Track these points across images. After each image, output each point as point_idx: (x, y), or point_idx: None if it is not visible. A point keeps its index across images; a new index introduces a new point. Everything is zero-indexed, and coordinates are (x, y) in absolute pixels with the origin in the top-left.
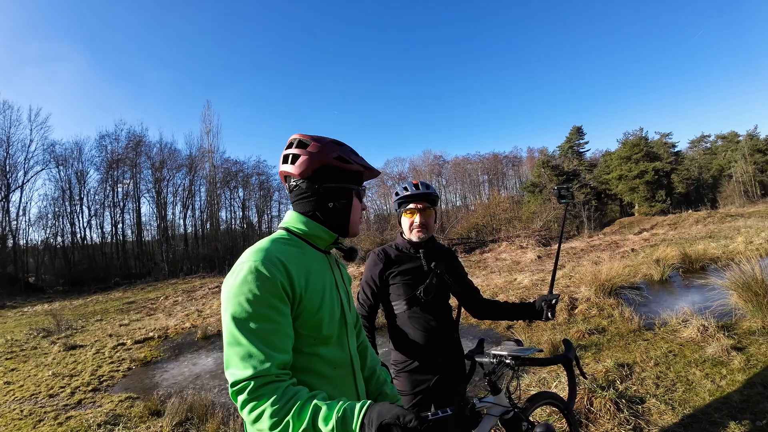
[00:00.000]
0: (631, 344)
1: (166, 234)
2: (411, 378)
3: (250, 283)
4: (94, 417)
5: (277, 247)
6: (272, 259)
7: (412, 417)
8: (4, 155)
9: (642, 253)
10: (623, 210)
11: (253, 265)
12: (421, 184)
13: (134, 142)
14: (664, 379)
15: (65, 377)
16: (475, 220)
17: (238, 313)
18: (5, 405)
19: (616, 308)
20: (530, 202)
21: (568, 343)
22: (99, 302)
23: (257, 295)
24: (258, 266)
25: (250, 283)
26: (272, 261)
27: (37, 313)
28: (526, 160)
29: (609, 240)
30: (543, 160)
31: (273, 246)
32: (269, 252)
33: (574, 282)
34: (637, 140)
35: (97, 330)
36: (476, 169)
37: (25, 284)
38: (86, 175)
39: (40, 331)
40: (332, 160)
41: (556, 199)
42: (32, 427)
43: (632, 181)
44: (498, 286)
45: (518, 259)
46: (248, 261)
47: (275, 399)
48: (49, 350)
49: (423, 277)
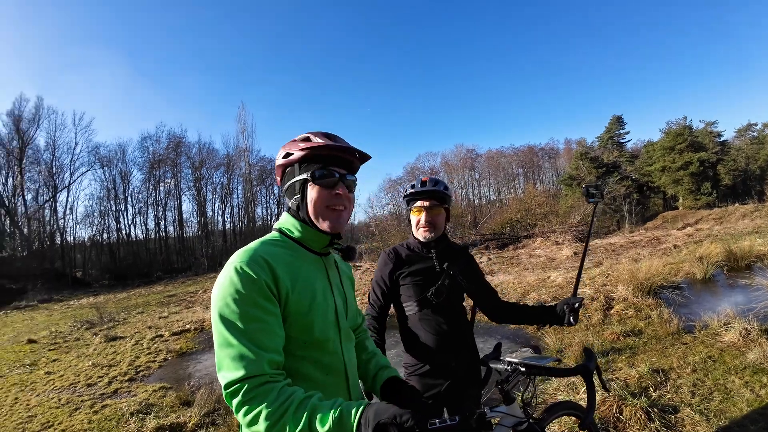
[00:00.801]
0: (669, 348)
1: (206, 230)
2: (422, 382)
3: (236, 283)
4: (128, 406)
5: (264, 248)
6: (257, 259)
7: (409, 416)
8: (50, 158)
9: (685, 250)
10: (666, 203)
11: (238, 266)
12: (430, 181)
13: (174, 143)
14: (701, 387)
15: (104, 367)
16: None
17: (226, 314)
18: (45, 394)
19: (655, 309)
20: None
21: (589, 353)
22: (141, 295)
23: (243, 295)
24: (242, 266)
25: (236, 283)
26: (257, 261)
27: (83, 306)
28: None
29: (650, 236)
30: (581, 151)
31: (260, 247)
32: (255, 252)
33: (611, 281)
34: (681, 129)
35: (137, 322)
36: (511, 162)
37: (72, 279)
38: (130, 175)
39: (84, 323)
40: (282, 161)
41: (585, 198)
42: (68, 415)
43: (676, 173)
44: (530, 284)
45: (553, 255)
46: (233, 262)
47: (270, 400)
48: (91, 341)
49: (435, 278)
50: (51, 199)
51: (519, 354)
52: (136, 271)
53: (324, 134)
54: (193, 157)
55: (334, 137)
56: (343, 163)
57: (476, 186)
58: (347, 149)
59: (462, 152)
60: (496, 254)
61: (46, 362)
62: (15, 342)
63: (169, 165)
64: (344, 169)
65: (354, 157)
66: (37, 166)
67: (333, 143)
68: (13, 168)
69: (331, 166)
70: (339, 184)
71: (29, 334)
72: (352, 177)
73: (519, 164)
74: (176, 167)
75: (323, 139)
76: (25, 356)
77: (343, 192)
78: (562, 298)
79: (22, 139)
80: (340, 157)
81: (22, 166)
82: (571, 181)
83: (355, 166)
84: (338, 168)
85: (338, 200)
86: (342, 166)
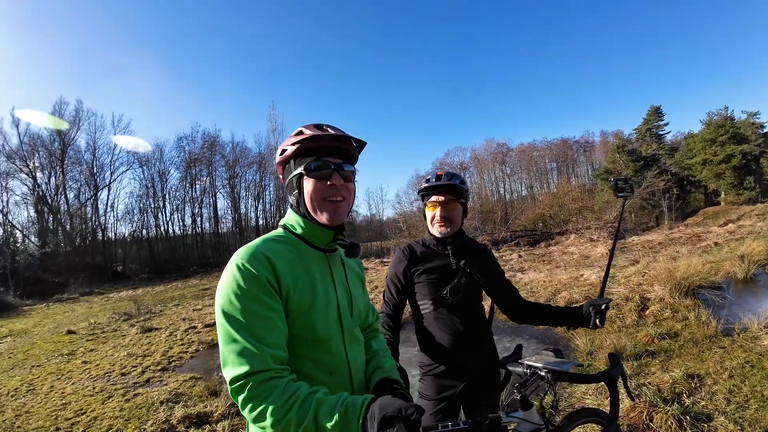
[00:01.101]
0: (705, 352)
1: (240, 226)
2: (437, 382)
3: (237, 280)
4: (158, 395)
5: (266, 245)
6: (258, 256)
7: (414, 410)
8: (91, 158)
9: (726, 248)
10: (708, 198)
11: (239, 262)
12: (446, 175)
13: (209, 143)
14: (737, 394)
15: (138, 357)
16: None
17: (229, 310)
18: (80, 382)
19: (693, 310)
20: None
21: (615, 359)
22: (178, 289)
23: (245, 291)
24: (244, 264)
25: (237, 280)
26: (257, 258)
27: (122, 299)
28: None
29: (690, 233)
30: (618, 144)
31: (262, 244)
32: (256, 249)
33: (647, 280)
34: (722, 120)
35: (173, 314)
36: (543, 156)
37: (113, 273)
38: (167, 173)
39: (122, 315)
40: (279, 158)
41: (614, 193)
42: (101, 402)
43: (717, 167)
44: (561, 282)
45: (587, 252)
46: (235, 259)
47: (276, 396)
48: (128, 332)
49: (451, 276)
50: (92, 197)
51: (539, 357)
52: (173, 265)
53: (315, 125)
54: (227, 156)
55: (326, 127)
56: (339, 153)
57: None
58: (339, 137)
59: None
60: (527, 251)
61: (83, 352)
62: (55, 333)
63: (204, 164)
64: (340, 158)
65: (349, 145)
66: (78, 166)
67: (322, 133)
68: (55, 168)
69: (325, 157)
70: (334, 174)
71: (69, 325)
72: (350, 167)
73: (552, 158)
74: (211, 166)
75: (313, 130)
76: (63, 346)
77: (338, 182)
78: (595, 296)
79: (63, 141)
80: (335, 147)
81: (63, 166)
82: (607, 176)
83: (352, 155)
84: (333, 158)
85: (334, 191)
86: (337, 156)
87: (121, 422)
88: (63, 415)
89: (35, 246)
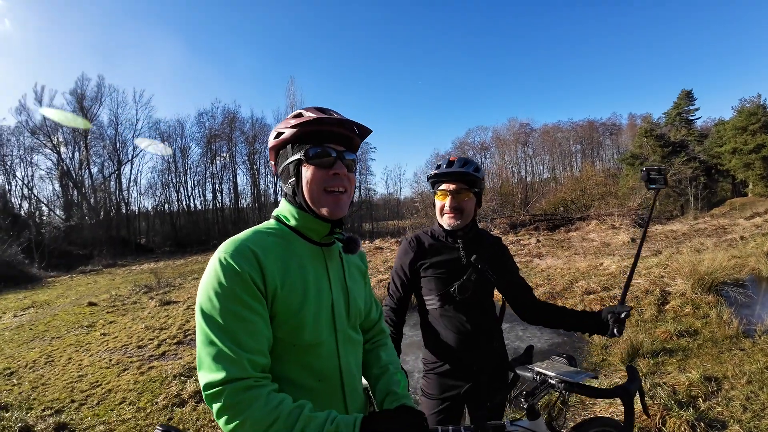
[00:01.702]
0: (725, 353)
1: (259, 201)
2: (440, 381)
3: (219, 277)
4: (172, 368)
5: (255, 238)
6: (243, 250)
7: None
8: (113, 133)
9: (752, 243)
10: (735, 189)
11: (223, 257)
12: (458, 161)
13: (229, 119)
14: (754, 402)
15: (155, 330)
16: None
17: (208, 310)
18: (97, 354)
19: (714, 307)
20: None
21: (633, 372)
22: (198, 262)
23: (227, 290)
24: (227, 258)
25: (219, 277)
26: (243, 253)
27: (143, 271)
28: (627, 127)
29: (716, 224)
30: (646, 128)
31: (251, 236)
32: (243, 243)
33: (669, 272)
34: (755, 108)
35: (191, 287)
36: (568, 138)
37: (136, 245)
38: (188, 149)
39: (142, 288)
40: (274, 142)
41: (645, 184)
42: (116, 375)
43: (747, 156)
44: (580, 270)
45: (608, 240)
46: (219, 253)
47: (257, 407)
48: (147, 305)
49: (460, 272)
50: (115, 172)
51: (551, 365)
52: (195, 239)
53: (317, 108)
54: (247, 132)
55: (329, 111)
56: (341, 140)
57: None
58: (343, 122)
59: (515, 126)
60: (545, 236)
61: (103, 324)
62: (76, 304)
63: (224, 140)
64: (342, 146)
65: (352, 132)
66: (101, 141)
67: (325, 116)
68: (79, 143)
69: (327, 143)
70: (337, 162)
71: (90, 297)
72: (352, 155)
73: (577, 140)
74: (231, 142)
75: (315, 113)
76: (84, 318)
77: (341, 171)
78: (614, 287)
79: (86, 117)
80: (338, 134)
81: (87, 142)
82: (634, 160)
83: (354, 143)
84: (335, 145)
85: (336, 181)
86: (340, 143)
87: (135, 395)
88: (79, 387)
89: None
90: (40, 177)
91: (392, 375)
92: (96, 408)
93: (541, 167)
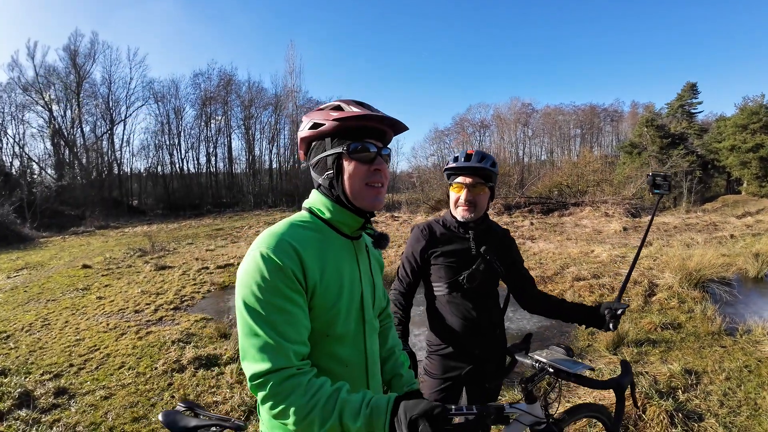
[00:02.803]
0: (706, 349)
1: (254, 168)
2: (443, 362)
3: (261, 271)
4: (170, 334)
5: (292, 232)
6: (284, 246)
7: (441, 410)
8: (107, 92)
9: (741, 242)
10: (729, 186)
11: (264, 252)
12: (476, 154)
13: (225, 81)
14: (731, 398)
15: (152, 295)
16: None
17: (251, 303)
18: (94, 318)
19: (699, 303)
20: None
21: (626, 366)
22: (191, 227)
23: (269, 284)
24: (268, 253)
25: (261, 271)
26: (283, 248)
27: (137, 234)
28: (628, 115)
29: (707, 220)
30: (647, 117)
31: (288, 231)
32: (282, 238)
33: (658, 265)
34: (757, 108)
35: (186, 253)
36: (568, 122)
37: (129, 207)
38: (183, 111)
39: (137, 251)
40: (308, 133)
41: (650, 188)
42: (114, 339)
43: (745, 155)
44: (571, 256)
45: (601, 228)
46: (259, 247)
47: (298, 394)
48: (142, 269)
49: (469, 262)
50: (108, 132)
51: (549, 354)
52: (188, 203)
53: (357, 102)
54: (243, 96)
55: (368, 106)
56: (379, 136)
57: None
58: (383, 119)
59: (517, 106)
60: (539, 219)
61: (98, 287)
62: (71, 266)
63: (219, 103)
64: (380, 141)
65: (390, 128)
66: (94, 100)
67: (369, 112)
68: (71, 101)
69: (366, 138)
70: (377, 158)
71: (84, 259)
72: (387, 150)
73: (577, 124)
74: (226, 105)
75: (359, 108)
76: (78, 281)
77: (382, 167)
78: (603, 275)
79: (78, 74)
80: (375, 129)
81: (79, 100)
82: (632, 149)
83: (388, 138)
84: (374, 141)
85: (377, 176)
86: (378, 139)
87: (134, 360)
88: (77, 351)
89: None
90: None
91: (398, 358)
92: (95, 372)
93: (540, 149)
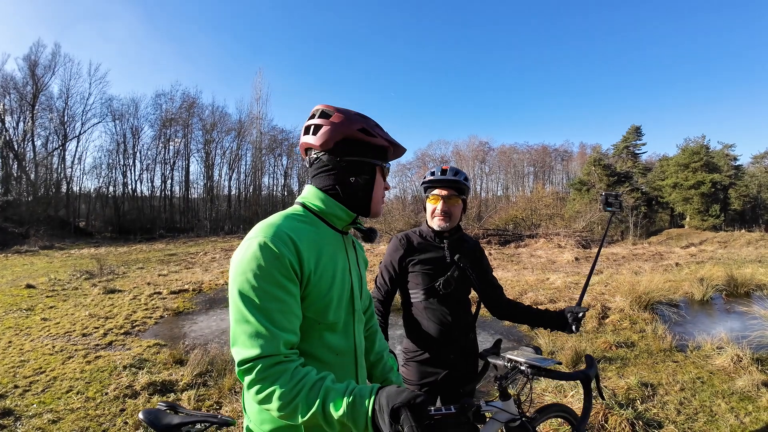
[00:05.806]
0: (659, 364)
1: (212, 193)
2: (419, 369)
3: (258, 259)
4: (122, 359)
5: (288, 224)
6: (281, 235)
7: (423, 398)
8: (63, 106)
9: (686, 269)
10: (673, 220)
11: (262, 241)
12: (450, 170)
13: (188, 103)
14: (687, 406)
15: (100, 318)
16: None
17: (246, 290)
18: (39, 340)
19: (650, 324)
20: (575, 200)
21: (591, 360)
22: (143, 251)
23: (265, 272)
24: (266, 242)
25: (258, 259)
26: (281, 238)
27: (83, 256)
28: (577, 155)
29: (653, 250)
30: (595, 157)
31: (284, 222)
32: (279, 228)
33: (609, 290)
34: (698, 148)
35: (137, 277)
36: (522, 160)
37: (75, 228)
38: (140, 130)
39: (83, 273)
40: (356, 132)
41: (602, 206)
42: (61, 362)
43: (687, 191)
44: (528, 283)
45: (554, 258)
46: (257, 236)
47: (284, 381)
48: (89, 292)
49: (444, 269)
50: (60, 147)
51: (520, 353)
52: (139, 226)
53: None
54: (205, 119)
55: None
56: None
57: (485, 179)
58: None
59: (475, 143)
60: (497, 250)
61: (42, 308)
62: (13, 286)
63: (180, 125)
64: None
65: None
66: (49, 113)
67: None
68: (25, 113)
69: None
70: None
71: (28, 279)
72: None
73: (531, 162)
74: (187, 128)
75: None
76: (22, 300)
77: (387, 185)
78: (559, 300)
79: (36, 85)
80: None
81: (34, 112)
82: (581, 186)
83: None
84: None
85: (384, 191)
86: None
87: (82, 384)
88: (22, 373)
89: None
90: None
91: (386, 363)
92: (41, 395)
93: (496, 185)
